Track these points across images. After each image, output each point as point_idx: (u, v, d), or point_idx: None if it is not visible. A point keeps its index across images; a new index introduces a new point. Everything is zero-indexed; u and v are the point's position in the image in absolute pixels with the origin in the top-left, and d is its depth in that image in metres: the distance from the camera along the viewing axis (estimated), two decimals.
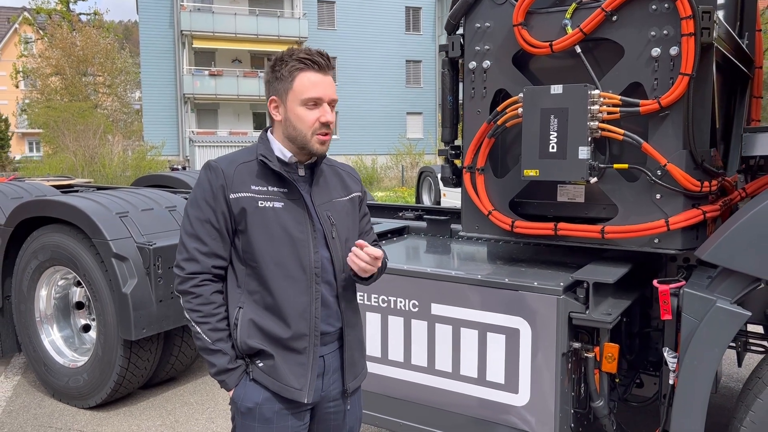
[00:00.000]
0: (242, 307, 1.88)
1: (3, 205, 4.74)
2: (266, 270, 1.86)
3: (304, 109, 1.86)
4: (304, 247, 1.87)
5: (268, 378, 1.89)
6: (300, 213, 1.89)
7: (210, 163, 1.92)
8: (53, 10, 36.61)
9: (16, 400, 4.29)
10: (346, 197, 2.05)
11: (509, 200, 2.81)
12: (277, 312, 1.86)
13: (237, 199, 1.85)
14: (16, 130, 37.47)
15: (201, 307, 1.86)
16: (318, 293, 1.89)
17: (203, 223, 1.86)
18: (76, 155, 19.39)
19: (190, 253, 1.86)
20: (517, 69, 2.75)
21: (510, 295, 2.57)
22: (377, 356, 2.95)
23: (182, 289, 1.88)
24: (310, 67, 1.86)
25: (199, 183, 1.91)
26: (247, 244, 1.86)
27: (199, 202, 1.88)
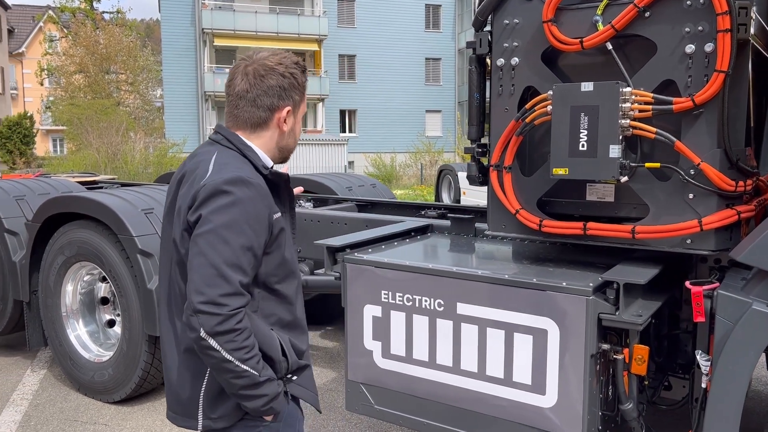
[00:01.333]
0: (273, 329, 1.79)
1: (30, 201, 4.80)
2: (289, 289, 1.83)
3: (298, 122, 1.89)
4: (296, 261, 1.92)
5: (305, 390, 1.89)
6: (290, 226, 1.91)
7: (244, 179, 1.66)
8: (77, 8, 37.11)
9: (42, 394, 4.35)
10: None
11: (537, 199, 2.77)
12: (296, 328, 1.88)
13: (278, 219, 1.75)
14: (40, 127, 38.02)
15: (246, 342, 1.62)
16: (303, 304, 1.97)
17: (246, 251, 1.63)
18: (99, 152, 19.63)
19: (234, 287, 1.60)
20: (546, 66, 2.71)
21: (538, 295, 2.54)
22: (401, 355, 2.93)
23: (224, 329, 1.58)
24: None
25: (236, 202, 1.63)
26: (278, 266, 1.77)
27: (240, 226, 1.62)
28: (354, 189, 6.02)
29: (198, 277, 1.59)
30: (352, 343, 3.10)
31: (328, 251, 3.17)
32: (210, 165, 1.72)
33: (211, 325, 1.57)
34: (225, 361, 1.60)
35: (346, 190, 5.95)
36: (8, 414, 4.05)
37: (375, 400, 3.05)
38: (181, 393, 1.82)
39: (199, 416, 1.79)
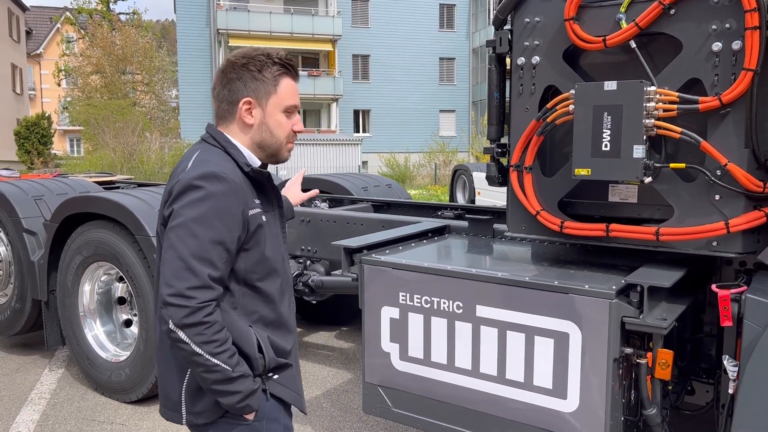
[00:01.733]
0: (252, 326, 1.78)
1: (48, 200, 4.83)
2: (272, 287, 1.82)
3: (283, 115, 1.81)
4: (284, 260, 1.90)
5: (286, 390, 1.87)
6: (278, 225, 1.90)
7: (218, 174, 1.68)
8: (94, 9, 37.46)
9: (60, 393, 4.37)
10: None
11: (558, 200, 2.73)
12: (280, 327, 1.86)
13: (254, 215, 1.75)
14: (57, 127, 38.42)
15: (217, 336, 1.64)
16: (293, 304, 1.95)
17: (216, 245, 1.64)
18: (116, 152, 19.79)
19: (202, 280, 1.62)
20: (567, 65, 2.67)
21: (559, 298, 2.50)
22: (419, 357, 2.90)
23: (192, 321, 1.60)
24: (291, 74, 1.82)
25: (208, 197, 1.65)
26: (257, 263, 1.77)
27: (211, 220, 1.65)
28: (369, 189, 5.99)
29: (167, 270, 1.63)
30: (369, 344, 3.07)
31: (346, 252, 3.15)
32: (190, 162, 1.77)
33: (179, 317, 1.60)
34: (195, 354, 1.63)
35: (362, 191, 5.93)
36: (27, 413, 4.07)
37: (392, 403, 3.02)
38: (168, 388, 1.87)
39: (183, 410, 1.82)
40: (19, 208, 4.70)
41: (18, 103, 34.34)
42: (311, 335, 5.73)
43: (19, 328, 4.90)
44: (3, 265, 4.92)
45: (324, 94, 32.43)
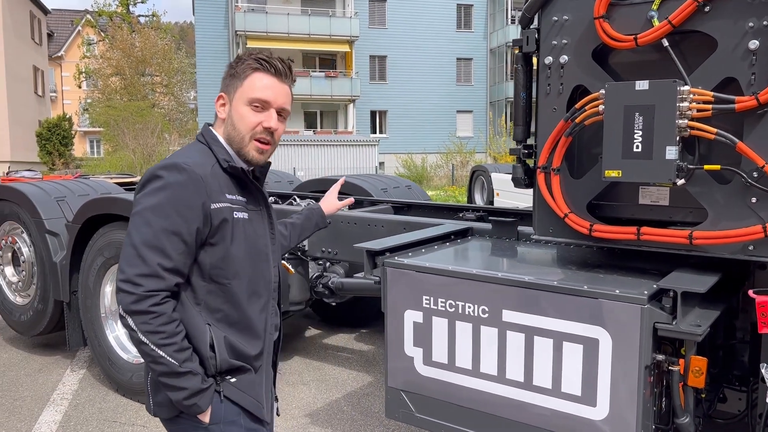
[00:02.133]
0: (210, 325, 1.74)
1: (70, 202, 4.85)
2: (238, 287, 1.75)
3: (248, 108, 1.75)
4: (266, 261, 1.83)
5: (243, 395, 1.80)
6: (262, 224, 1.84)
7: (178, 165, 1.67)
8: (114, 12, 37.89)
9: (81, 394, 4.38)
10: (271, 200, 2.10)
11: (587, 202, 2.67)
12: (244, 330, 1.79)
13: (219, 209, 1.69)
14: (78, 128, 38.86)
15: (164, 327, 1.62)
16: (273, 309, 1.88)
17: (170, 235, 1.63)
18: (135, 153, 19.97)
19: (151, 268, 1.61)
20: (596, 64, 2.60)
21: (589, 303, 2.44)
22: (443, 362, 2.86)
23: (138, 309, 1.61)
24: (265, 70, 1.77)
25: (165, 187, 1.65)
26: (222, 259, 1.72)
27: (166, 210, 1.64)
28: (389, 191, 5.96)
29: (122, 256, 1.66)
30: (392, 348, 3.03)
31: (368, 255, 3.11)
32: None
33: (126, 303, 1.62)
34: (141, 342, 1.64)
35: (381, 192, 5.89)
36: (49, 413, 4.08)
37: (416, 408, 2.98)
38: (143, 376, 1.90)
39: (149, 400, 1.83)
40: (42, 209, 4.72)
41: (40, 105, 34.80)
42: (331, 337, 5.70)
43: (42, 329, 4.92)
44: (26, 266, 4.95)
45: (341, 95, 32.46)
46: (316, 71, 33.18)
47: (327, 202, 2.52)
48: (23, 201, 4.81)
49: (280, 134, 1.82)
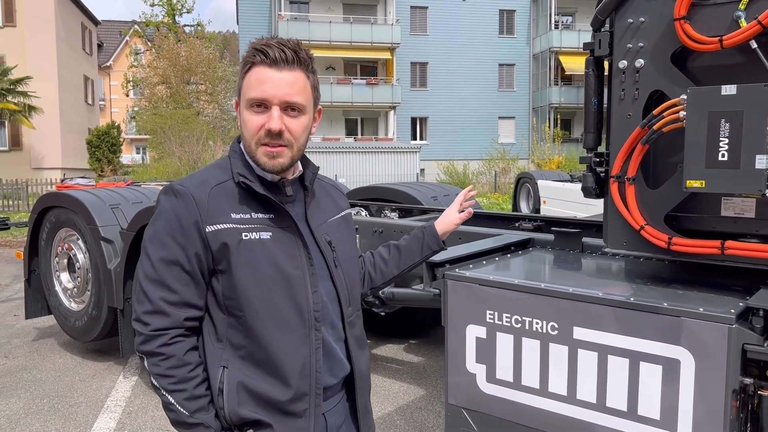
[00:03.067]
0: (227, 367, 1.50)
1: (125, 209, 4.89)
2: (255, 319, 1.48)
3: (249, 112, 1.50)
4: (300, 286, 1.52)
5: None
6: (292, 243, 1.54)
7: (174, 188, 1.50)
8: (161, 22, 38.83)
9: (134, 401, 4.39)
10: (339, 215, 1.73)
11: (664, 214, 2.52)
12: (272, 370, 1.50)
13: (215, 232, 1.47)
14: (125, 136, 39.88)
15: (173, 371, 1.45)
16: (318, 341, 1.54)
17: (169, 265, 1.47)
18: (181, 160, 20.30)
19: (154, 305, 1.46)
20: (676, 68, 2.46)
21: (669, 321, 2.29)
22: (508, 380, 2.73)
23: (146, 350, 1.46)
24: (261, 61, 1.48)
25: (161, 214, 1.50)
26: (231, 288, 1.49)
27: (162, 239, 1.48)
28: (439, 199, 5.86)
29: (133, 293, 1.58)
30: (452, 364, 2.92)
31: (428, 266, 3.01)
32: None
33: (137, 343, 1.50)
34: (154, 385, 1.50)
35: (431, 200, 5.79)
36: (103, 420, 4.10)
37: (478, 427, 2.86)
38: None
39: None
40: (97, 216, 4.78)
41: (89, 113, 35.84)
42: (380, 348, 5.62)
43: (95, 335, 4.97)
44: (81, 273, 5.02)
45: (382, 102, 32.50)
46: (357, 78, 33.31)
47: (443, 218, 2.09)
48: (79, 208, 4.87)
49: (298, 132, 1.52)
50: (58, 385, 4.70)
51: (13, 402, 4.40)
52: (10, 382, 4.78)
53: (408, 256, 1.99)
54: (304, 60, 1.51)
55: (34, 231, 5.46)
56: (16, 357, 5.37)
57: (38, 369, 5.06)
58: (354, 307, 1.68)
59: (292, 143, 1.51)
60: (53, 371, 5.01)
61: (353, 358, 1.65)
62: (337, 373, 1.63)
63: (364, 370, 1.70)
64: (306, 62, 1.52)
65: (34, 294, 5.57)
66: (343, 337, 1.63)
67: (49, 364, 5.17)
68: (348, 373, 1.66)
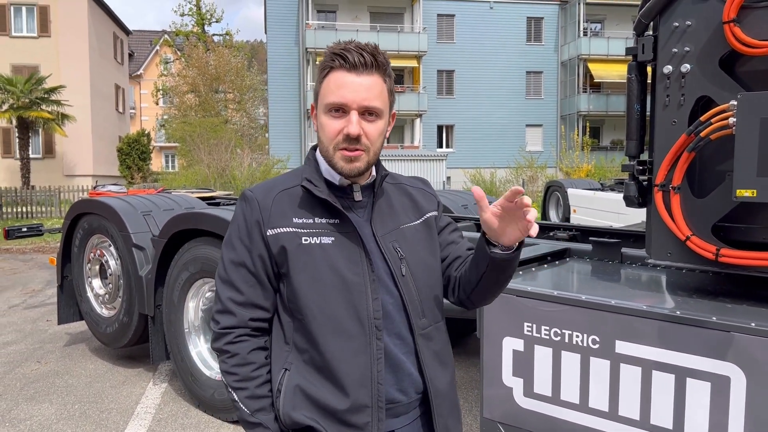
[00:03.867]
0: (288, 369, 1.51)
1: (156, 216, 4.91)
2: (313, 323, 1.47)
3: (327, 117, 1.48)
4: (359, 293, 1.48)
5: None
6: (354, 249, 1.50)
7: (245, 194, 1.57)
8: (190, 32, 39.43)
9: (164, 408, 4.38)
10: (419, 220, 1.64)
11: (712, 224, 2.42)
12: (330, 376, 1.47)
13: (275, 235, 1.49)
14: (155, 144, 40.48)
15: (237, 369, 1.51)
16: (380, 351, 1.48)
17: (238, 267, 1.53)
18: (209, 168, 20.49)
19: (223, 304, 1.54)
20: (724, 72, 2.37)
21: (718, 336, 2.19)
22: (547, 395, 2.66)
23: (215, 347, 1.55)
24: (341, 66, 1.46)
25: (234, 218, 1.58)
26: (291, 291, 1.50)
27: (233, 242, 1.55)
28: (470, 207, 5.78)
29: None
30: (488, 377, 2.85)
31: None
32: None
33: (211, 339, 1.57)
34: (223, 383, 1.56)
35: (462, 208, 5.72)
36: (133, 427, 4.10)
37: None
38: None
39: None
40: (129, 223, 4.80)
41: (120, 121, 36.47)
42: None
43: (126, 341, 4.98)
44: (112, 279, 5.05)
45: (408, 110, 32.49)
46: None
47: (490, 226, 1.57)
48: (111, 215, 4.90)
49: (374, 136, 1.49)
50: (89, 391, 4.72)
51: (45, 407, 4.43)
52: (42, 387, 4.82)
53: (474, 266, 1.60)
54: (382, 64, 1.50)
55: (67, 237, 5.51)
56: (49, 362, 5.42)
57: (70, 374, 5.10)
58: (430, 318, 1.57)
59: (368, 147, 1.49)
60: (84, 377, 5.04)
61: (427, 374, 1.55)
62: (406, 388, 1.54)
63: (443, 389, 1.58)
64: (384, 66, 1.50)
65: (66, 300, 5.62)
66: (413, 350, 1.54)
67: (80, 370, 5.20)
68: (422, 391, 1.56)
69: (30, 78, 25.41)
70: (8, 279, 9.70)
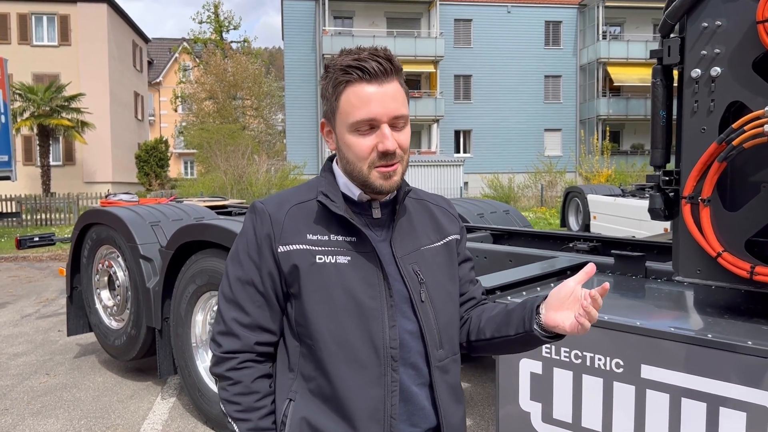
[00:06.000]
0: (293, 400, 1.39)
1: (164, 226, 4.81)
2: (324, 350, 1.36)
3: (354, 136, 1.35)
4: (375, 319, 1.36)
5: None
6: (371, 270, 1.38)
7: (255, 205, 1.45)
8: (209, 39, 39.73)
9: (172, 424, 4.27)
10: (440, 242, 1.51)
11: (745, 240, 2.24)
12: (338, 408, 1.36)
13: (287, 253, 1.37)
14: (173, 150, 40.79)
15: (240, 398, 1.39)
16: (395, 383, 1.36)
17: (245, 285, 1.40)
18: (227, 174, 20.51)
19: (227, 325, 1.40)
20: (759, 76, 2.20)
21: (755, 362, 2.02)
22: (567, 421, 2.49)
23: (216, 372, 1.42)
24: (360, 78, 1.33)
25: (243, 232, 1.45)
26: (301, 314, 1.38)
27: (240, 257, 1.42)
28: (486, 216, 5.61)
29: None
30: (504, 401, 2.69)
31: None
32: None
33: (210, 365, 1.45)
34: (222, 412, 1.43)
35: (477, 217, 5.56)
36: None
37: None
38: None
39: None
40: (137, 234, 4.71)
41: (139, 128, 36.79)
42: None
43: (134, 354, 4.89)
44: (121, 291, 4.96)
45: (425, 115, 32.34)
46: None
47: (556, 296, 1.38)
48: (119, 225, 4.82)
49: (406, 145, 1.38)
50: (96, 406, 4.62)
51: (51, 423, 4.34)
52: (50, 401, 4.73)
53: (498, 328, 1.48)
54: (398, 67, 1.39)
55: (77, 247, 5.45)
56: (57, 374, 5.35)
57: (78, 388, 5.01)
58: (448, 350, 1.45)
59: (402, 158, 1.39)
60: (92, 390, 4.95)
61: (441, 409, 1.42)
62: (418, 423, 1.42)
63: (456, 426, 1.46)
64: (399, 69, 1.39)
65: (75, 311, 5.55)
66: (428, 382, 1.41)
67: (88, 383, 5.11)
68: (434, 426, 1.44)
69: (50, 86, 25.73)
70: (24, 288, 9.71)
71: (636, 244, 3.68)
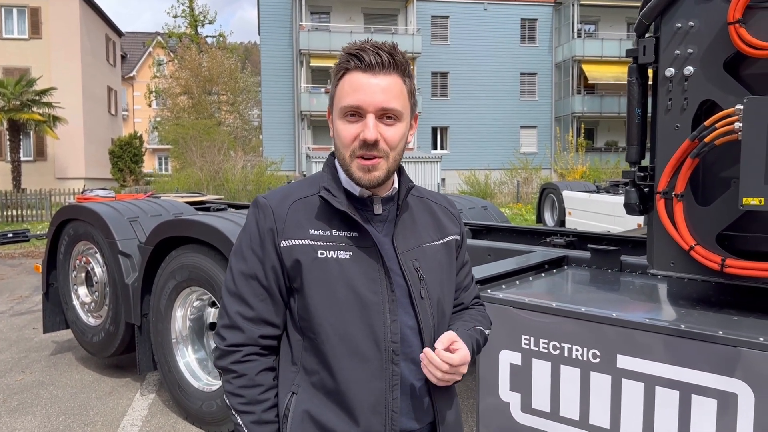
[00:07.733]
0: (296, 393, 1.42)
1: (143, 222, 4.79)
2: (326, 344, 1.38)
3: (342, 122, 1.38)
4: (377, 313, 1.38)
5: None
6: (373, 266, 1.40)
7: (258, 200, 1.46)
8: (183, 33, 39.25)
9: (151, 420, 4.26)
10: (440, 241, 1.54)
11: (716, 233, 2.33)
12: (340, 401, 1.39)
13: (289, 248, 1.39)
14: (147, 146, 40.28)
15: (243, 391, 1.41)
16: (396, 377, 1.39)
17: (248, 279, 1.42)
18: (202, 170, 20.32)
19: (231, 319, 1.42)
20: (729, 76, 2.27)
21: (725, 351, 2.10)
22: (545, 410, 2.55)
23: (221, 365, 1.44)
24: (356, 67, 1.36)
25: (246, 226, 1.47)
26: (304, 308, 1.40)
27: (244, 252, 1.44)
28: (465, 212, 5.67)
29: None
30: (484, 392, 2.75)
31: None
32: None
33: (214, 358, 1.47)
34: (226, 404, 1.45)
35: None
36: None
37: None
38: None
39: None
40: (115, 229, 4.67)
41: (112, 123, 36.25)
42: None
43: (113, 351, 4.86)
44: (99, 287, 4.92)
45: None
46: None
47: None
48: (97, 221, 4.78)
49: (394, 141, 1.38)
50: (74, 403, 4.59)
51: (28, 420, 4.30)
52: (26, 399, 4.68)
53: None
54: (401, 63, 1.39)
55: (53, 244, 5.38)
56: (33, 372, 5.29)
57: (55, 385, 4.97)
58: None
59: (387, 153, 1.39)
60: (70, 387, 4.91)
61: (437, 405, 1.47)
62: (420, 417, 1.46)
63: (451, 423, 1.51)
64: (402, 66, 1.40)
65: (52, 308, 5.49)
66: (426, 378, 1.43)
67: (65, 380, 5.07)
68: (432, 421, 1.49)
69: (21, 80, 25.21)
70: None
71: (611, 239, 3.77)
